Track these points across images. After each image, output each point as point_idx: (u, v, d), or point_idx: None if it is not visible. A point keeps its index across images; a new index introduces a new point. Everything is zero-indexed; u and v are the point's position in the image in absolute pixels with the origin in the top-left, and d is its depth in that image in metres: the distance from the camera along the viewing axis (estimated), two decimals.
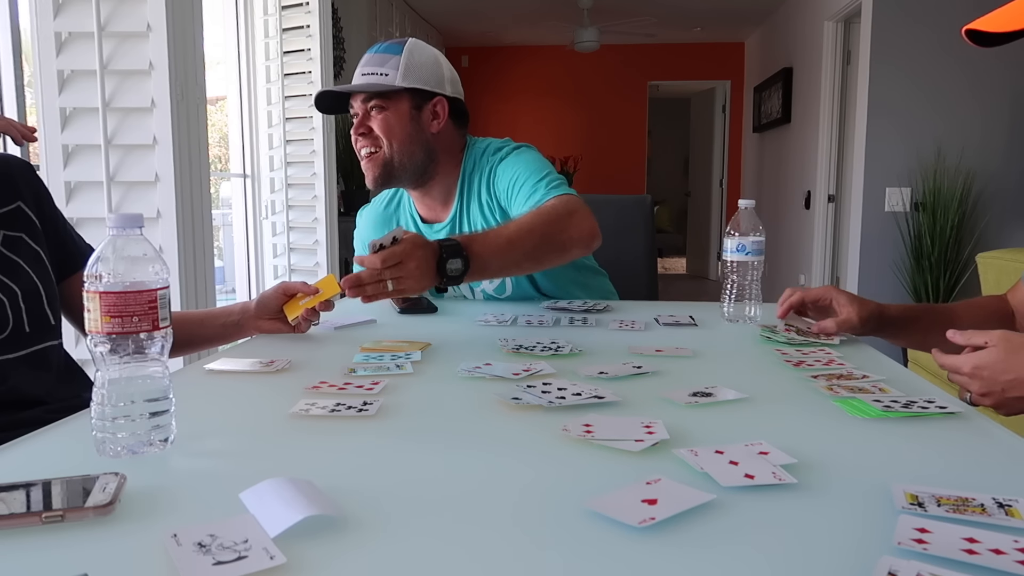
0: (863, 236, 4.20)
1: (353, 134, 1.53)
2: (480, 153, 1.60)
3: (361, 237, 1.72)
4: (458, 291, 1.67)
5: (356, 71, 1.53)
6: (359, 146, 1.53)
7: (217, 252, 3.50)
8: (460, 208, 1.60)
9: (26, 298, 1.07)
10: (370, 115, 1.51)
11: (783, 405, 0.89)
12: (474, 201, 1.59)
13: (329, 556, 0.51)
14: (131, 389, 0.69)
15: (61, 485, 0.61)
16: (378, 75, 1.49)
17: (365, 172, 1.54)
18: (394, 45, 1.52)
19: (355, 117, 1.53)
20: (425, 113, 1.53)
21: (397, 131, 1.50)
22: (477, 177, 1.58)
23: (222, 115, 3.85)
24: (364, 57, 1.53)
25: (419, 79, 1.50)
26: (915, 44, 4.01)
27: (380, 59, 1.50)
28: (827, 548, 0.53)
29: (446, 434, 0.79)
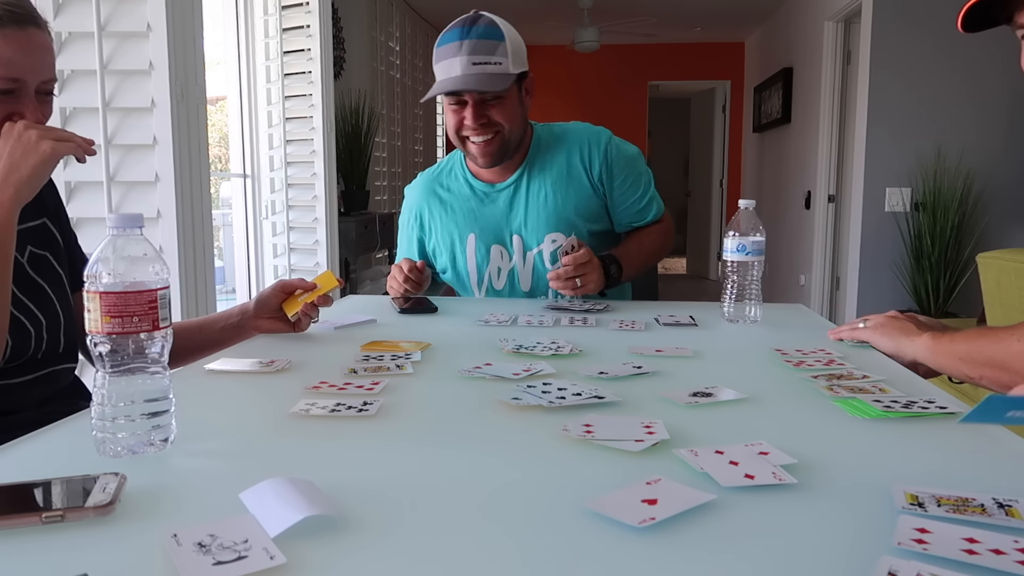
0: (863, 236, 4.20)
1: (472, 123, 1.54)
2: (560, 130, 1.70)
3: (411, 207, 1.76)
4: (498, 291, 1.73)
5: (459, 58, 1.49)
6: (474, 135, 1.56)
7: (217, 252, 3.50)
8: (526, 173, 1.66)
9: (49, 328, 1.07)
10: (485, 103, 1.53)
11: (783, 405, 0.89)
12: (546, 167, 1.66)
13: (329, 556, 0.51)
14: (131, 389, 0.69)
15: (61, 485, 0.61)
16: (492, 64, 1.50)
17: (479, 154, 1.58)
18: (493, 29, 1.51)
19: (461, 104, 1.54)
20: (523, 91, 1.60)
21: (514, 116, 1.58)
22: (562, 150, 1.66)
23: (222, 115, 3.85)
24: (464, 43, 1.49)
25: (520, 61, 1.55)
26: (915, 44, 4.01)
27: (487, 46, 1.50)
28: (827, 548, 0.53)
29: (446, 434, 0.79)
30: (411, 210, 1.77)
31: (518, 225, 1.66)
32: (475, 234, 1.67)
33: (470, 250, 1.68)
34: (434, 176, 1.75)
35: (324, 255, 3.65)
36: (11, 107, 1.01)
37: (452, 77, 1.50)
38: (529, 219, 1.65)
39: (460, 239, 1.69)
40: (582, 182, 1.64)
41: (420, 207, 1.74)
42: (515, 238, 1.66)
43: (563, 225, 1.64)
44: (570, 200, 1.64)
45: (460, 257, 1.69)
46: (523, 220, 1.65)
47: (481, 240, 1.67)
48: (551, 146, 1.67)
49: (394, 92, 5.81)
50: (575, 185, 1.64)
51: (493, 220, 1.67)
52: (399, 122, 5.95)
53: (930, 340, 1.05)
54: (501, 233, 1.67)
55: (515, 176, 1.66)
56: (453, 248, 1.70)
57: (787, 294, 5.85)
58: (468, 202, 1.68)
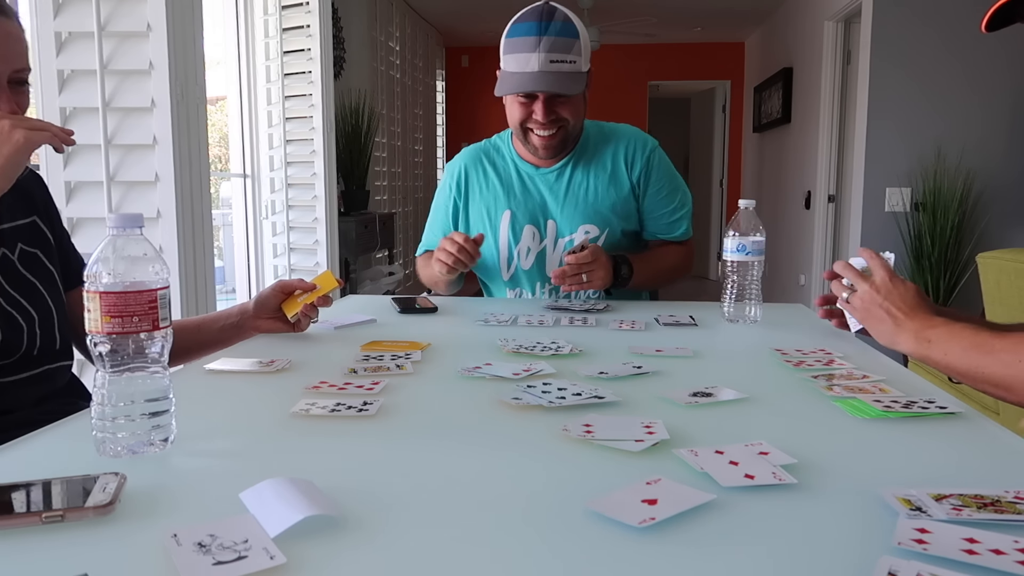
0: (863, 236, 4.20)
1: (540, 119, 1.55)
2: (610, 129, 1.73)
3: (453, 174, 1.76)
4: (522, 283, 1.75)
5: (531, 49, 1.49)
6: (543, 129, 1.58)
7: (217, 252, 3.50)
8: (571, 162, 1.68)
9: (41, 323, 1.07)
10: (556, 99, 1.55)
11: (783, 405, 0.89)
12: (592, 160, 1.69)
13: (329, 556, 0.51)
14: (131, 389, 0.69)
15: (61, 485, 0.61)
16: (568, 63, 1.51)
17: (541, 147, 1.61)
18: (569, 25, 1.52)
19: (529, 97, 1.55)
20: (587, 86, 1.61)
21: (580, 111, 1.61)
22: (608, 148, 1.69)
23: (222, 115, 3.85)
24: (541, 40, 1.48)
25: (588, 58, 1.57)
26: (915, 44, 4.01)
27: (564, 44, 1.50)
28: (827, 548, 0.53)
29: (446, 434, 0.79)
30: (452, 176, 1.76)
31: (555, 211, 1.69)
32: (511, 211, 1.70)
33: (503, 226, 1.70)
34: (481, 148, 1.77)
35: (324, 255, 3.65)
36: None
37: (529, 74, 1.50)
38: (567, 207, 1.68)
39: (496, 214, 1.71)
40: (622, 181, 1.68)
41: (462, 174, 1.75)
42: (550, 223, 1.69)
43: (598, 218, 1.67)
44: (609, 196, 1.67)
45: (491, 233, 1.71)
46: (561, 207, 1.68)
47: (516, 218, 1.69)
48: (599, 142, 1.70)
49: (394, 92, 5.81)
50: (616, 183, 1.68)
51: (532, 201, 1.70)
52: (399, 122, 5.95)
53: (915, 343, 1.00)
54: (537, 215, 1.69)
55: (561, 164, 1.68)
56: (486, 222, 1.72)
57: (787, 294, 5.85)
58: (510, 180, 1.71)
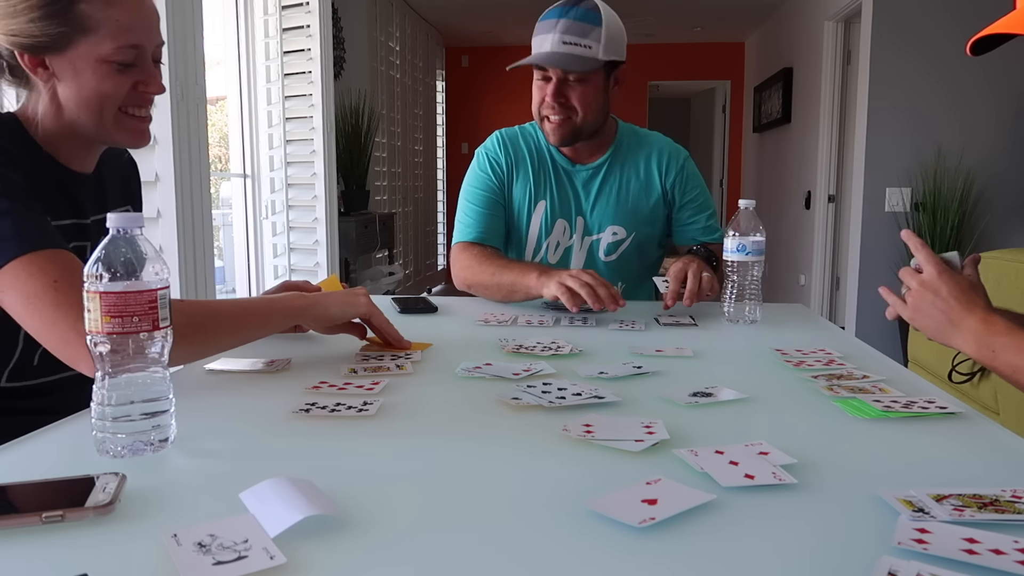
0: (863, 236, 4.20)
1: (549, 99, 1.55)
2: (644, 134, 1.74)
3: (493, 155, 1.72)
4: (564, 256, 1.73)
5: (551, 35, 1.50)
6: (549, 112, 1.57)
7: (217, 252, 3.50)
8: (607, 163, 1.68)
9: None
10: (568, 84, 1.54)
11: (783, 405, 0.89)
12: (627, 164, 1.69)
13: (329, 556, 0.51)
14: (131, 389, 0.69)
15: (61, 485, 0.61)
16: (581, 47, 1.50)
17: (551, 132, 1.60)
18: (592, 13, 1.52)
19: (545, 80, 1.56)
20: (611, 80, 1.59)
21: (592, 102, 1.57)
22: (641, 153, 1.69)
23: (222, 115, 3.85)
24: (560, 22, 1.50)
25: (614, 50, 1.54)
26: (915, 44, 4.01)
27: (581, 28, 1.50)
28: (827, 548, 0.53)
29: (446, 434, 0.79)
30: (495, 155, 1.71)
31: (587, 208, 1.69)
32: (546, 202, 1.69)
33: (537, 215, 1.70)
34: (519, 134, 1.73)
35: (324, 255, 3.65)
36: (135, 76, 0.99)
37: (542, 52, 1.52)
38: (598, 206, 1.69)
39: (533, 202, 1.70)
40: (654, 187, 1.69)
41: (506, 154, 1.70)
42: (579, 219, 1.70)
43: (627, 221, 1.68)
44: (640, 200, 1.69)
45: (525, 220, 1.71)
46: (592, 205, 1.69)
47: (550, 210, 1.69)
48: (633, 146, 1.71)
49: (394, 92, 5.81)
50: (648, 188, 1.69)
51: (566, 196, 1.70)
52: (399, 122, 5.95)
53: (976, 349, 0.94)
54: (569, 210, 1.70)
55: (598, 162, 1.69)
56: (522, 208, 1.71)
57: (787, 294, 5.85)
58: (548, 171, 1.71)
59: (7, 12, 0.94)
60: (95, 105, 0.99)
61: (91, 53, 0.96)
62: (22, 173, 0.94)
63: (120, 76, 0.98)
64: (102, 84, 0.97)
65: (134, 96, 1.01)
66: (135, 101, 1.02)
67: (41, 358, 1.02)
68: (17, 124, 1.00)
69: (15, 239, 0.87)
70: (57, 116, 1.00)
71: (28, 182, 0.94)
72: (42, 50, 0.95)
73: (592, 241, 1.70)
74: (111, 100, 0.99)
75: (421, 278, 6.75)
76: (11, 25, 0.94)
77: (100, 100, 0.98)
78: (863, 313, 4.23)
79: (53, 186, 1.01)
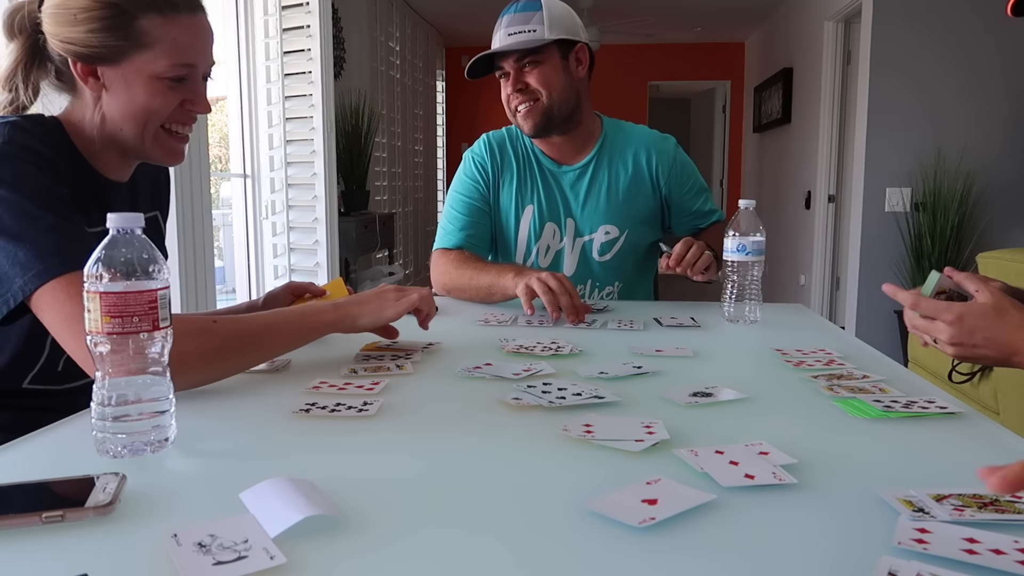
0: (863, 236, 4.20)
1: (510, 92, 1.59)
2: (628, 129, 1.74)
3: (479, 160, 1.73)
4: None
5: (498, 34, 1.58)
6: (516, 103, 1.60)
7: (217, 252, 3.49)
8: (594, 161, 1.69)
9: None
10: (524, 71, 1.58)
11: (783, 405, 0.89)
12: (614, 161, 1.70)
13: (329, 556, 0.51)
14: (131, 389, 0.69)
15: (61, 485, 0.61)
16: (526, 32, 1.54)
17: (523, 123, 1.62)
18: (531, 3, 1.57)
19: (505, 77, 1.60)
20: (571, 61, 1.61)
21: (554, 82, 1.59)
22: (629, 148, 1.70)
23: (222, 115, 3.85)
24: (503, 20, 1.58)
25: (563, 29, 1.58)
26: (915, 44, 4.01)
27: (523, 17, 1.55)
28: (827, 548, 0.53)
29: (446, 434, 0.79)
30: (481, 159, 1.73)
31: (576, 209, 1.69)
32: (534, 206, 1.70)
33: (525, 221, 1.70)
34: (505, 137, 1.74)
35: (324, 255, 3.65)
36: (183, 93, 1.00)
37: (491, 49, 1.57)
38: (588, 206, 1.69)
39: (520, 207, 1.70)
40: (646, 185, 1.69)
41: (493, 158, 1.72)
42: (569, 221, 1.70)
43: (619, 219, 1.68)
44: (632, 197, 1.69)
45: (513, 225, 1.71)
46: (582, 205, 1.69)
47: (538, 214, 1.69)
48: (619, 141, 1.71)
49: (394, 92, 5.81)
50: (639, 186, 1.69)
51: (554, 199, 1.70)
52: (399, 122, 5.95)
53: None
54: (558, 212, 1.70)
55: (584, 161, 1.69)
56: (509, 213, 1.71)
57: (787, 294, 5.85)
58: (534, 175, 1.71)
59: (66, 20, 0.94)
60: (140, 119, 0.99)
61: (145, 68, 0.96)
62: (66, 184, 0.94)
63: (170, 93, 0.99)
64: (152, 100, 0.98)
65: (180, 114, 1.02)
66: (180, 119, 1.03)
67: (66, 365, 1.02)
68: (61, 130, 1.00)
69: (57, 257, 0.86)
70: (100, 126, 1.00)
71: (70, 193, 0.94)
72: (96, 60, 0.96)
73: (584, 242, 1.70)
74: (157, 116, 0.99)
75: (421, 278, 6.75)
76: (69, 33, 0.94)
77: (147, 115, 0.99)
78: (863, 313, 4.23)
79: (89, 193, 1.01)
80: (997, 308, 0.94)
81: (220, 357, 0.90)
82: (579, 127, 1.67)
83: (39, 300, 0.86)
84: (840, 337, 1.28)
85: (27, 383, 1.02)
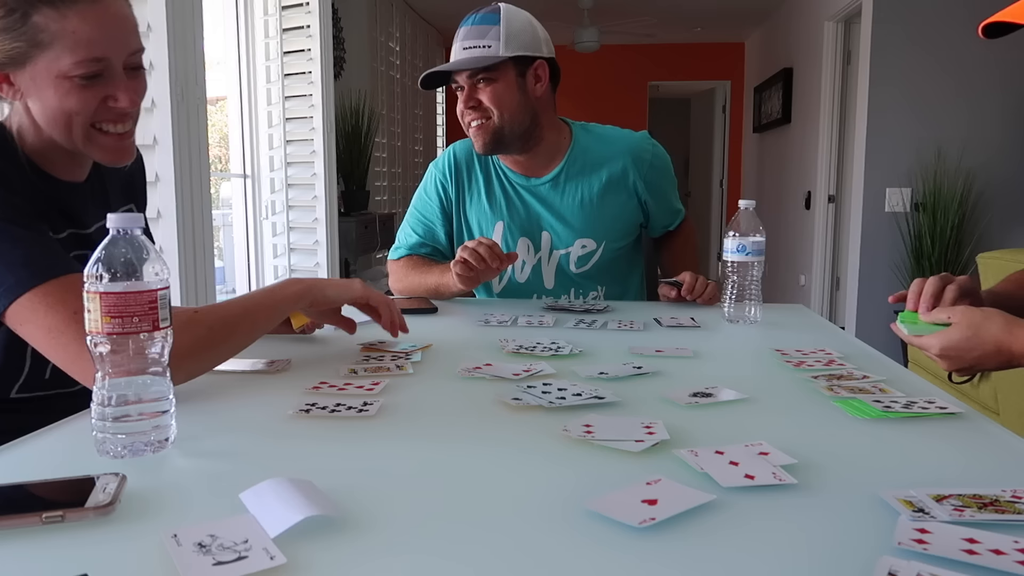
0: (863, 236, 4.20)
1: (463, 107, 1.55)
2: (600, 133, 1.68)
3: (441, 178, 1.70)
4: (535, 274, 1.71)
5: (455, 45, 1.55)
6: (468, 119, 1.57)
7: (217, 252, 3.49)
8: (564, 172, 1.64)
9: None
10: (477, 88, 1.54)
11: (783, 405, 0.89)
12: (586, 170, 1.64)
13: (329, 556, 0.51)
14: (131, 389, 0.69)
15: (61, 485, 0.61)
16: (481, 47, 1.51)
17: (474, 139, 1.58)
18: (489, 15, 1.53)
19: (460, 90, 1.56)
20: (528, 78, 1.57)
21: (506, 101, 1.54)
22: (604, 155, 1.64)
23: (222, 115, 3.85)
24: (460, 31, 1.54)
25: (520, 45, 1.53)
26: (915, 44, 4.01)
27: (479, 31, 1.51)
28: (827, 548, 0.53)
29: (446, 434, 0.79)
30: (443, 173, 1.70)
31: (549, 223, 1.65)
32: (503, 223, 1.66)
33: (496, 236, 1.65)
34: (468, 153, 1.69)
35: (324, 255, 3.65)
36: (103, 90, 0.92)
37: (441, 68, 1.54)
38: (562, 219, 1.64)
39: (488, 224, 1.67)
40: (623, 192, 1.65)
41: (455, 172, 1.69)
42: (544, 235, 1.66)
43: (595, 231, 1.64)
44: (607, 206, 1.64)
45: None
46: (555, 219, 1.65)
47: (509, 230, 1.66)
48: (592, 149, 1.65)
49: (394, 92, 5.81)
50: (615, 193, 1.64)
51: (525, 213, 1.66)
52: (399, 122, 5.95)
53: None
54: (531, 227, 1.66)
55: (553, 173, 1.64)
56: (479, 229, 1.68)
57: (787, 294, 5.85)
58: (501, 190, 1.67)
59: None
60: (61, 122, 0.92)
61: (50, 69, 0.89)
62: (19, 193, 0.91)
63: (85, 92, 0.91)
64: (64, 101, 0.91)
65: (104, 111, 0.94)
66: (106, 117, 0.94)
67: (53, 372, 1.01)
68: (6, 138, 0.96)
69: (27, 268, 0.84)
70: (36, 130, 0.95)
71: (26, 201, 0.91)
72: (3, 66, 0.90)
73: (561, 255, 1.66)
74: (78, 117, 0.92)
75: None
76: None
77: (66, 117, 0.92)
78: (863, 313, 4.23)
79: (46, 199, 0.98)
80: (972, 326, 0.98)
81: (211, 345, 0.91)
82: (539, 144, 1.61)
83: (14, 315, 0.84)
84: (840, 337, 1.28)
85: (15, 393, 1.01)
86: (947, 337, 1.00)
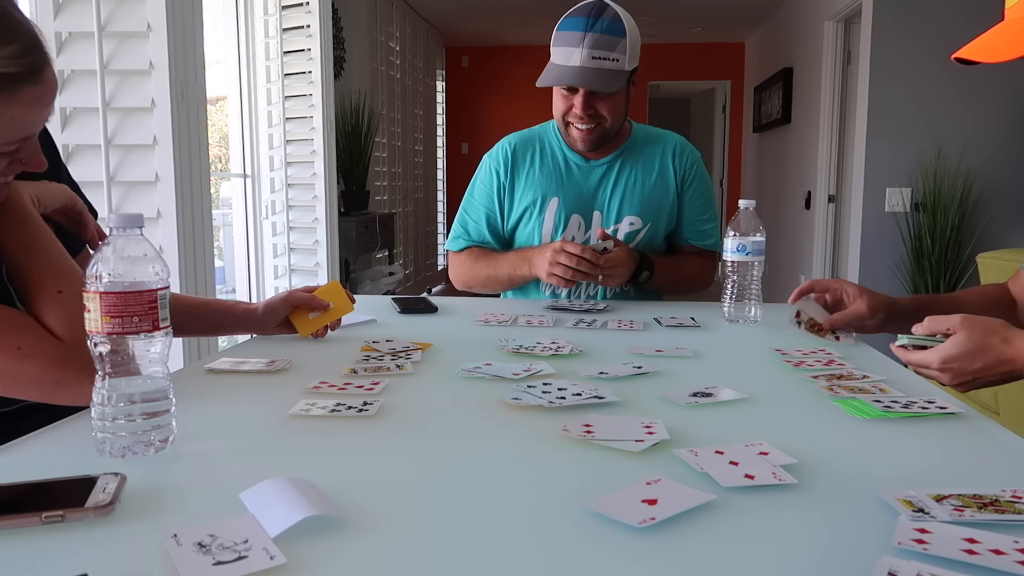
0: (863, 236, 4.20)
1: (579, 112, 1.57)
2: (657, 131, 1.79)
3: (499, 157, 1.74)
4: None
5: (575, 44, 1.52)
6: (579, 123, 1.60)
7: (217, 252, 3.50)
8: (621, 157, 1.70)
9: None
10: (595, 95, 1.57)
11: (783, 405, 0.89)
12: (640, 158, 1.71)
13: (329, 556, 0.51)
14: (131, 389, 0.69)
15: (61, 485, 0.61)
16: (611, 61, 1.53)
17: (579, 140, 1.63)
18: (616, 25, 1.54)
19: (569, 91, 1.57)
20: (630, 83, 1.63)
21: (619, 109, 1.62)
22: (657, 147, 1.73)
23: (222, 115, 3.85)
24: (586, 36, 1.51)
25: (635, 57, 1.58)
26: (915, 44, 4.01)
27: (609, 42, 1.53)
28: (827, 548, 0.53)
29: (446, 434, 0.79)
30: (498, 160, 1.74)
31: (603, 202, 1.70)
32: (559, 199, 1.70)
33: (549, 213, 1.70)
34: (528, 136, 1.76)
35: (324, 255, 3.65)
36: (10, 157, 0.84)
37: (570, 68, 1.53)
38: (615, 198, 1.69)
39: (543, 199, 1.70)
40: (669, 181, 1.71)
41: (510, 158, 1.73)
42: (595, 213, 1.70)
43: (644, 212, 1.69)
44: (656, 193, 1.70)
45: (537, 218, 1.71)
46: (609, 197, 1.69)
47: (563, 206, 1.70)
48: (647, 142, 1.73)
49: (394, 92, 5.81)
50: (662, 182, 1.70)
51: (580, 191, 1.70)
52: (399, 122, 5.95)
53: None
54: (584, 205, 1.70)
55: (611, 157, 1.70)
56: (533, 206, 1.71)
57: (787, 294, 5.83)
58: (559, 168, 1.71)
59: None
60: None
61: None
62: None
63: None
64: None
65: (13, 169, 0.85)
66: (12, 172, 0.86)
67: None
68: None
69: None
70: None
71: None
72: None
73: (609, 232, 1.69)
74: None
75: (421, 278, 6.75)
76: None
77: None
78: None
79: None
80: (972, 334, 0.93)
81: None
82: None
83: None
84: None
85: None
86: (946, 348, 0.94)
